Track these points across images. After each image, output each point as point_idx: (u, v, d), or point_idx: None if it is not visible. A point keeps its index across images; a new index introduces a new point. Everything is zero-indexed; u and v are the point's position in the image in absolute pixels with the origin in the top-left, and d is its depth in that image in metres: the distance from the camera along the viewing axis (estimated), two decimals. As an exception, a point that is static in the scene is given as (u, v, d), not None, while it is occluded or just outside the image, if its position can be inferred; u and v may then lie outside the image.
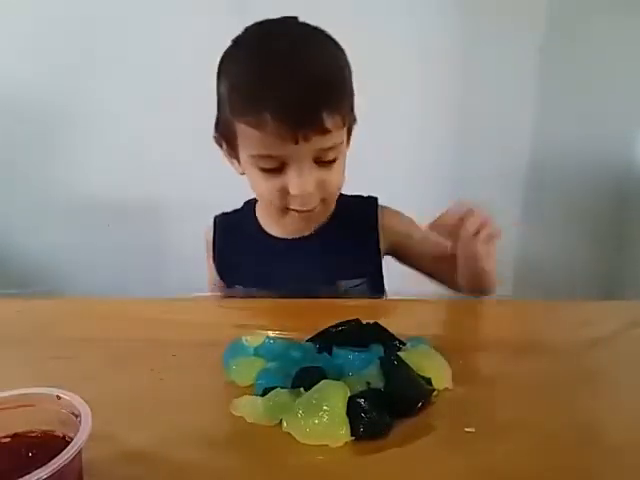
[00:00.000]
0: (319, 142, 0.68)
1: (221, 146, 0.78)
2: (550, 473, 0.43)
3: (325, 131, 0.67)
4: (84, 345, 0.65)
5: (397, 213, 0.87)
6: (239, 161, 0.75)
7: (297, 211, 0.73)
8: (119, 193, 1.46)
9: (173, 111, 1.36)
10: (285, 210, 0.74)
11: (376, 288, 0.84)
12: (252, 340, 0.60)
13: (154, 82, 1.35)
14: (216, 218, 0.91)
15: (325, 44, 0.72)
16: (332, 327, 0.60)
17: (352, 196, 0.86)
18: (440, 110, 1.36)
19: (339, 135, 0.70)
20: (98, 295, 1.52)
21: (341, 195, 0.83)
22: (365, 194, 0.88)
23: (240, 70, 0.70)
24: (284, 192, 0.71)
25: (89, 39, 1.34)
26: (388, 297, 0.88)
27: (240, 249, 0.87)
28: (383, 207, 0.86)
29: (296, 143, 0.66)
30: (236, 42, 0.73)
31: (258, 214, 0.86)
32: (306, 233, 0.82)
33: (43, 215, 1.50)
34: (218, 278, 0.89)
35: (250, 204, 0.88)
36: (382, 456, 0.45)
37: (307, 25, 0.73)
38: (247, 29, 0.73)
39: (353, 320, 0.60)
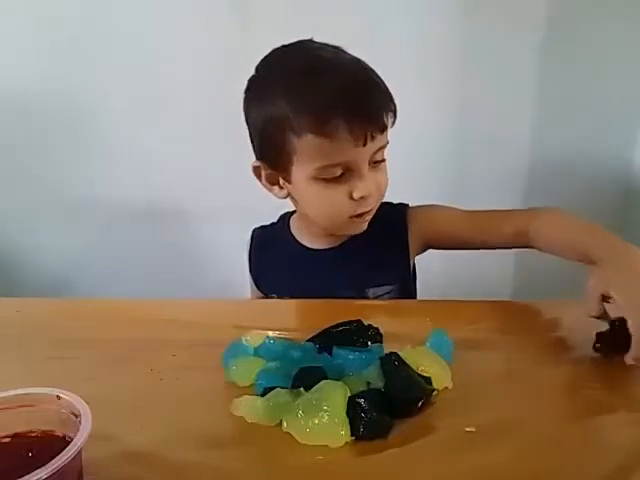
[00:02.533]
0: (379, 141, 0.71)
1: (260, 176, 0.79)
2: (550, 473, 0.43)
3: (385, 128, 0.71)
4: (84, 345, 0.65)
5: (425, 209, 0.86)
6: (287, 182, 0.76)
7: (361, 215, 0.75)
8: (119, 193, 1.46)
9: (173, 111, 1.36)
10: (347, 219, 0.75)
11: (406, 295, 0.84)
12: (252, 340, 0.60)
13: (154, 82, 1.35)
14: (254, 231, 0.94)
15: (343, 52, 0.75)
16: (332, 327, 0.60)
17: (382, 203, 0.86)
18: (440, 110, 1.36)
19: (387, 134, 0.74)
20: (98, 295, 1.52)
21: None
22: (395, 201, 0.88)
23: (291, 90, 0.70)
24: (349, 199, 0.73)
25: (89, 39, 1.34)
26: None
27: (275, 260, 0.89)
28: (412, 209, 0.86)
29: (365, 144, 0.69)
30: (263, 67, 0.75)
31: (292, 227, 0.89)
32: (339, 241, 0.84)
33: (43, 215, 1.50)
34: (255, 288, 0.92)
35: (285, 217, 0.91)
36: (382, 456, 0.45)
37: (322, 43, 0.75)
38: (269, 55, 0.75)
39: (354, 321, 0.60)
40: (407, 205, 0.87)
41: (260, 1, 1.29)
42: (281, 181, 0.77)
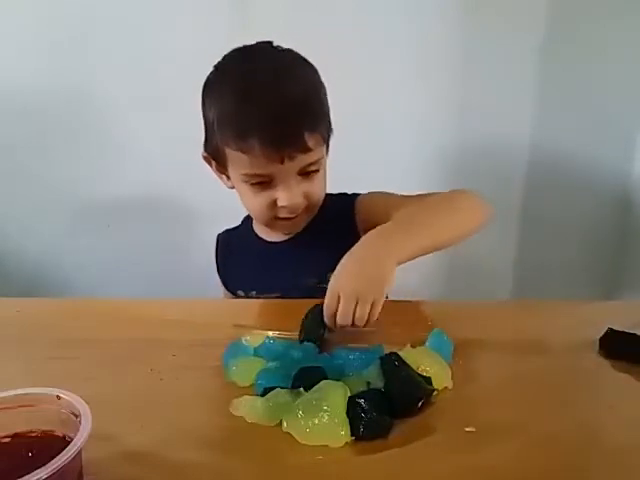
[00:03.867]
0: (303, 160, 0.76)
1: (210, 164, 0.86)
2: (550, 473, 0.43)
3: (307, 150, 0.75)
4: (84, 345, 0.65)
5: (365, 197, 0.90)
6: (228, 177, 0.83)
7: (284, 219, 0.81)
8: (119, 193, 1.46)
9: (173, 111, 1.36)
10: (273, 219, 0.82)
11: None
12: (252, 340, 0.60)
13: (154, 82, 1.35)
14: (218, 236, 1.01)
15: (301, 69, 0.79)
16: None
17: (336, 195, 0.92)
18: (440, 110, 1.36)
19: (320, 151, 0.78)
20: (98, 295, 1.52)
21: (326, 195, 0.89)
22: (350, 192, 0.92)
23: (225, 102, 0.77)
24: (273, 204, 0.79)
25: (89, 39, 1.33)
26: (388, 298, 0.88)
27: (239, 258, 0.96)
28: (359, 197, 0.90)
29: (282, 163, 0.74)
30: (218, 69, 0.80)
31: (254, 224, 0.95)
32: (293, 234, 0.89)
33: (43, 215, 1.50)
34: (224, 288, 0.98)
35: (249, 217, 0.96)
36: (382, 456, 0.45)
37: (283, 51, 0.79)
38: (227, 57, 0.80)
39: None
40: (358, 194, 0.91)
41: (260, 1, 1.29)
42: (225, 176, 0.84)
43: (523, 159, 1.39)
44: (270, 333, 0.62)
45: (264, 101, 0.73)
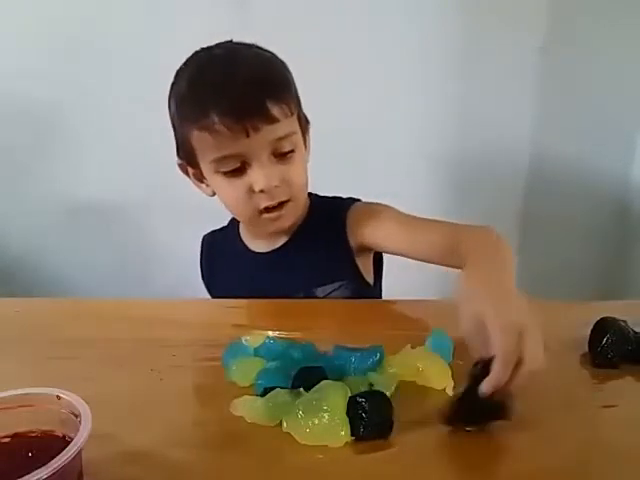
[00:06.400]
0: (270, 132, 0.70)
1: (187, 173, 0.81)
2: (550, 473, 0.43)
3: (272, 119, 0.70)
4: (84, 345, 0.65)
5: (363, 209, 0.82)
6: (206, 179, 0.78)
7: (267, 210, 0.75)
8: (119, 193, 1.46)
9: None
10: (256, 214, 0.75)
11: (358, 290, 0.81)
12: (252, 340, 0.60)
13: (154, 82, 1.34)
14: (204, 238, 0.96)
15: (259, 49, 0.76)
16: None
17: (331, 198, 0.86)
18: (440, 110, 1.36)
19: (289, 124, 0.73)
20: (98, 295, 1.52)
21: (317, 198, 0.85)
22: (346, 196, 0.86)
23: (182, 89, 0.74)
24: (251, 192, 0.73)
25: (89, 39, 1.33)
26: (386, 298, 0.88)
27: (224, 264, 0.90)
28: (355, 206, 0.83)
29: (247, 136, 0.69)
30: (178, 71, 0.78)
31: (241, 230, 0.88)
32: (281, 242, 0.83)
33: (43, 215, 1.50)
34: (209, 295, 0.93)
35: (235, 221, 0.90)
36: (382, 456, 0.45)
37: (243, 42, 0.77)
38: (188, 57, 0.78)
39: None
40: (355, 200, 0.85)
41: (260, 1, 1.29)
42: (203, 179, 0.79)
43: (523, 160, 1.40)
44: (270, 333, 0.62)
45: (219, 75, 0.71)
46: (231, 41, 0.77)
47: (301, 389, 0.49)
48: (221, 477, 0.44)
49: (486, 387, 0.45)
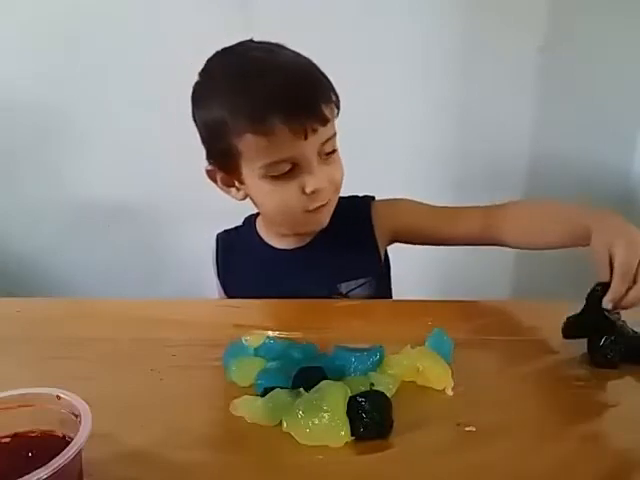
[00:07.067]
0: (323, 134, 0.71)
1: (215, 179, 0.80)
2: (550, 473, 0.43)
3: (325, 120, 0.71)
4: (84, 345, 0.65)
5: (389, 203, 0.86)
6: (241, 183, 0.77)
7: (316, 209, 0.75)
8: (119, 193, 1.46)
9: (174, 112, 1.35)
10: (301, 214, 0.75)
11: (381, 288, 0.84)
12: (252, 340, 0.60)
13: (154, 82, 1.35)
14: (218, 236, 0.94)
15: (288, 50, 0.75)
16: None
17: (347, 197, 0.87)
18: (440, 110, 1.36)
19: (333, 125, 0.74)
20: (98, 295, 1.52)
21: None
22: (361, 194, 0.88)
23: (230, 94, 0.72)
24: (301, 194, 0.73)
25: (88, 39, 1.33)
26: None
27: (243, 263, 0.88)
28: (377, 202, 0.86)
29: (306, 138, 0.69)
30: (204, 72, 0.76)
31: (259, 228, 0.88)
32: (306, 240, 0.84)
33: (43, 215, 1.50)
34: (223, 292, 0.92)
35: (250, 219, 0.90)
36: (382, 456, 0.45)
37: (266, 42, 0.76)
38: (211, 59, 0.76)
39: None
40: (372, 198, 0.87)
41: (260, 1, 1.29)
42: (236, 183, 0.78)
43: (523, 160, 1.40)
44: (270, 333, 0.62)
45: (273, 78, 0.69)
46: (251, 40, 0.76)
47: (301, 389, 0.49)
48: (221, 477, 0.44)
49: (606, 301, 0.58)
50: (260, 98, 0.69)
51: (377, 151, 1.34)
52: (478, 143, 1.38)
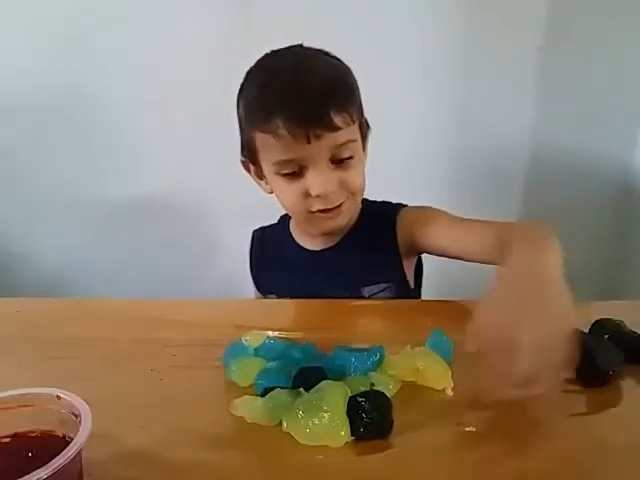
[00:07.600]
0: (331, 140, 0.72)
1: (249, 170, 0.84)
2: (550, 473, 0.43)
3: (334, 128, 0.71)
4: (84, 345, 0.65)
5: (413, 210, 0.86)
6: (265, 177, 0.80)
7: (325, 211, 0.76)
8: (119, 193, 1.46)
9: (174, 111, 1.36)
10: (310, 214, 0.77)
11: (401, 293, 0.84)
12: (252, 340, 0.60)
13: (155, 81, 1.35)
14: (254, 232, 0.97)
15: (327, 56, 0.78)
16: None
17: (380, 202, 0.89)
18: (440, 110, 1.36)
19: (350, 132, 0.75)
20: (98, 295, 1.52)
21: (368, 202, 0.86)
22: (395, 201, 0.89)
23: (250, 92, 0.77)
24: (306, 195, 0.75)
25: (89, 39, 1.33)
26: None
27: (274, 260, 0.92)
28: (404, 209, 0.86)
29: (308, 142, 0.71)
30: (249, 72, 0.79)
31: (292, 228, 0.91)
32: (334, 241, 0.86)
33: (43, 215, 1.50)
34: (255, 288, 0.95)
35: (285, 219, 0.93)
36: (382, 456, 0.45)
37: (312, 48, 0.79)
38: (259, 59, 0.79)
39: None
40: (404, 206, 0.88)
41: (261, 1, 1.29)
42: (263, 177, 0.81)
43: (523, 159, 1.40)
44: (270, 333, 0.62)
45: (286, 82, 0.72)
46: (301, 45, 0.79)
47: (301, 389, 0.49)
48: (221, 477, 0.44)
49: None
50: (270, 98, 0.72)
51: (377, 151, 1.34)
52: (478, 143, 1.38)
